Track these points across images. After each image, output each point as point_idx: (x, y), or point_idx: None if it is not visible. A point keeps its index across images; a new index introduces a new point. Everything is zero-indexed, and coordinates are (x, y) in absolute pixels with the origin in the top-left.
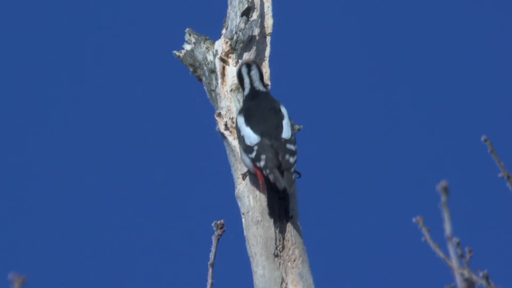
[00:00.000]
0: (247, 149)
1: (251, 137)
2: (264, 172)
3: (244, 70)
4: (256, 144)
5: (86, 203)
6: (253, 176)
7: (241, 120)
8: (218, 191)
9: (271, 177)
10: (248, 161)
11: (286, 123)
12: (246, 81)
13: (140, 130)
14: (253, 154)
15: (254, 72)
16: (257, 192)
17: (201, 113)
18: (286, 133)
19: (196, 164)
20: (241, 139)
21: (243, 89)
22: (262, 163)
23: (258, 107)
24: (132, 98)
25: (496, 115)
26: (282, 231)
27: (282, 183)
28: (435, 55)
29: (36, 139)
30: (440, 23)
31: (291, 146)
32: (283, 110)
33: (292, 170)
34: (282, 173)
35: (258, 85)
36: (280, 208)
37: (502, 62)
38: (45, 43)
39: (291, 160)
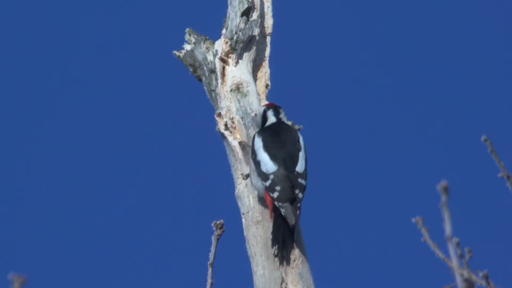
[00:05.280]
0: (261, 175)
1: (268, 164)
2: (276, 203)
3: (270, 113)
4: (273, 173)
5: (86, 203)
6: (261, 199)
7: (259, 144)
8: (218, 191)
9: (282, 211)
10: (260, 186)
11: (302, 155)
12: (272, 119)
13: (140, 130)
14: (268, 183)
15: (283, 115)
16: (257, 192)
17: (201, 113)
18: (300, 166)
19: (196, 164)
20: (256, 163)
21: (264, 123)
22: (275, 195)
23: (278, 133)
24: (132, 98)
25: (496, 115)
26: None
27: (293, 220)
28: (436, 55)
29: (36, 138)
30: (440, 23)
31: (302, 181)
32: (301, 141)
33: (299, 205)
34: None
35: (283, 119)
36: (285, 234)
37: (502, 62)
38: (45, 44)
39: (300, 195)
